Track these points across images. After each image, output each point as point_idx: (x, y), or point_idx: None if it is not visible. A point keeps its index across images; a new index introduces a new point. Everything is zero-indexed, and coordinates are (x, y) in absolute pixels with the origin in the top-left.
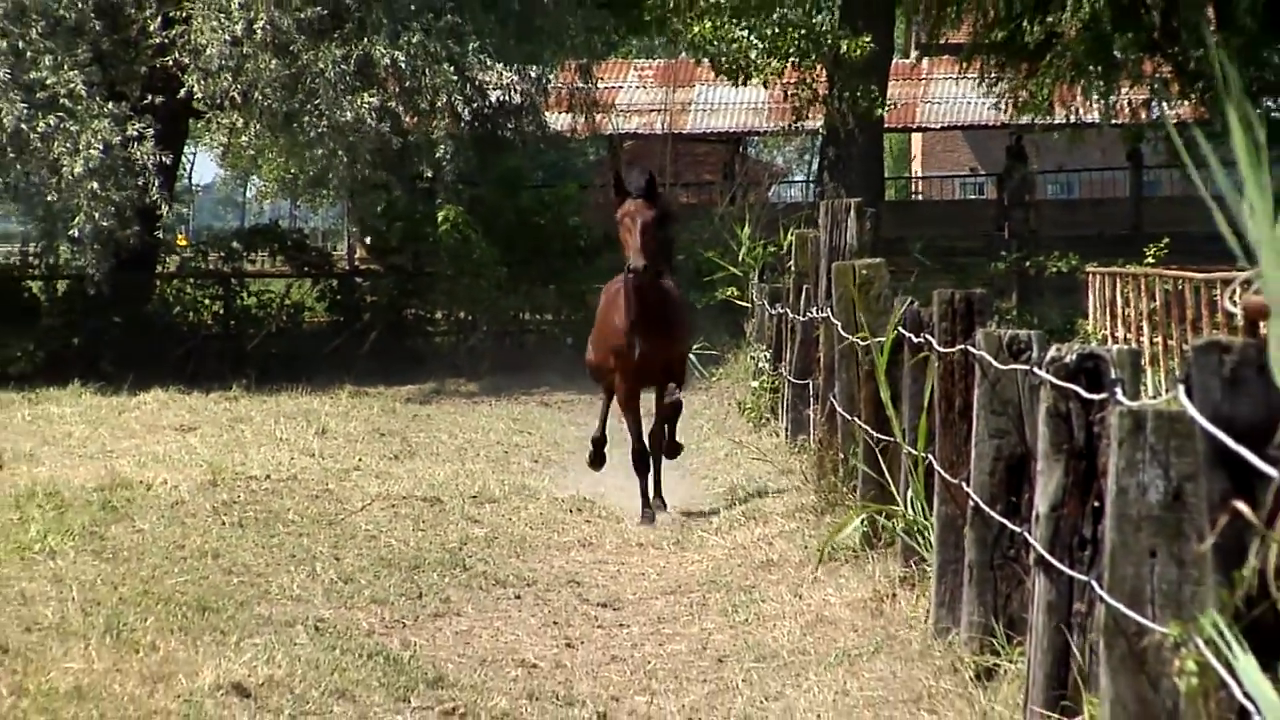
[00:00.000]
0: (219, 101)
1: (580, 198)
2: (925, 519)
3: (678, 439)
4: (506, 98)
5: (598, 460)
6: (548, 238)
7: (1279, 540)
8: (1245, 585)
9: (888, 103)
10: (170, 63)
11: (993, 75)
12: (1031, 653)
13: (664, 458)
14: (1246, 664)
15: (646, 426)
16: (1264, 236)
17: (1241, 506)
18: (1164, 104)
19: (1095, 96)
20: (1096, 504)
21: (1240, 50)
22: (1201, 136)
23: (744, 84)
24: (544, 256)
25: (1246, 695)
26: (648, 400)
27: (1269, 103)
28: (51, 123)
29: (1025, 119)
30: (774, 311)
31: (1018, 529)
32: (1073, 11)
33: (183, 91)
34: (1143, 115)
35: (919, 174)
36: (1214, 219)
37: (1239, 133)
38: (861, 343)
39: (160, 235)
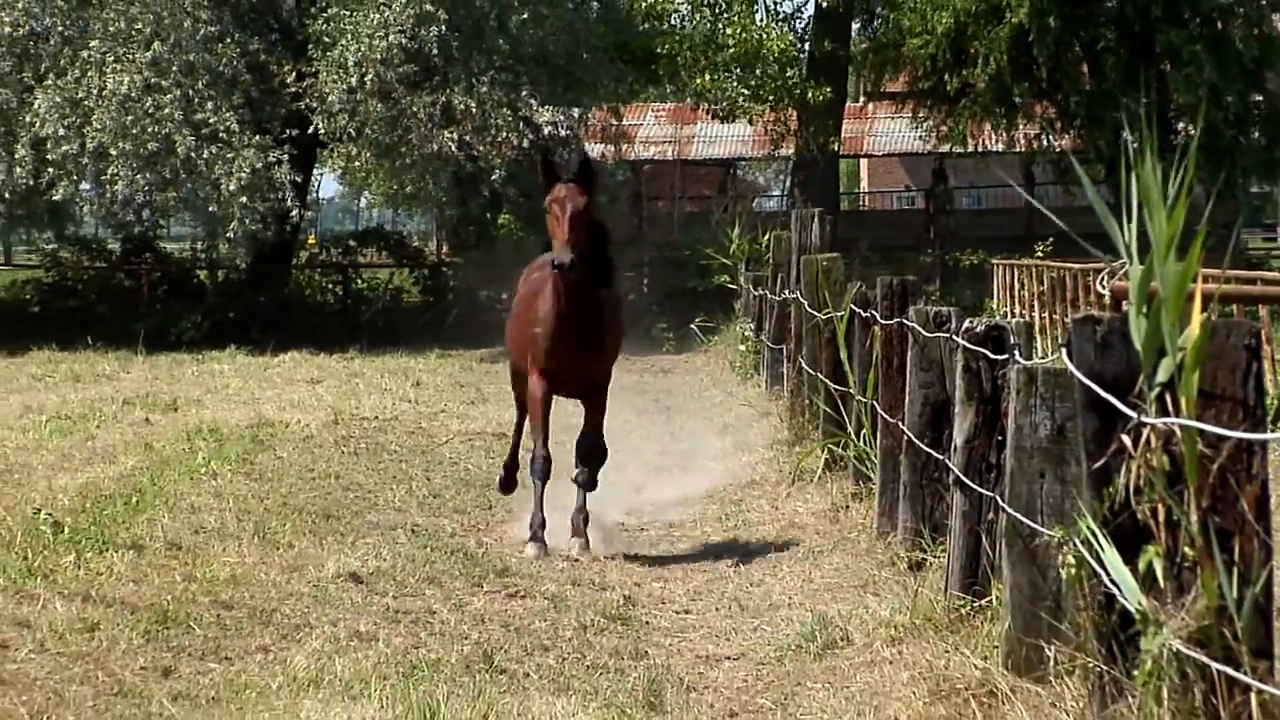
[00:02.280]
0: (338, 135)
1: (609, 208)
2: (871, 450)
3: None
4: (554, 132)
5: (509, 485)
6: None
7: (1137, 464)
8: (1111, 499)
9: (842, 136)
10: (302, 106)
11: (921, 115)
12: (951, 550)
13: (582, 483)
14: (1112, 558)
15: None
16: (1129, 235)
17: (1126, 440)
18: (1050, 137)
19: (999, 131)
20: (999, 438)
21: (1106, 95)
22: (1075, 161)
23: (734, 122)
24: None
25: (1112, 581)
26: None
27: (1127, 135)
28: (213, 151)
29: (945, 148)
30: (756, 293)
31: (940, 457)
32: (982, 67)
33: (311, 128)
34: (1034, 145)
35: (866, 190)
36: (1088, 222)
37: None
38: (823, 317)
39: (294, 235)
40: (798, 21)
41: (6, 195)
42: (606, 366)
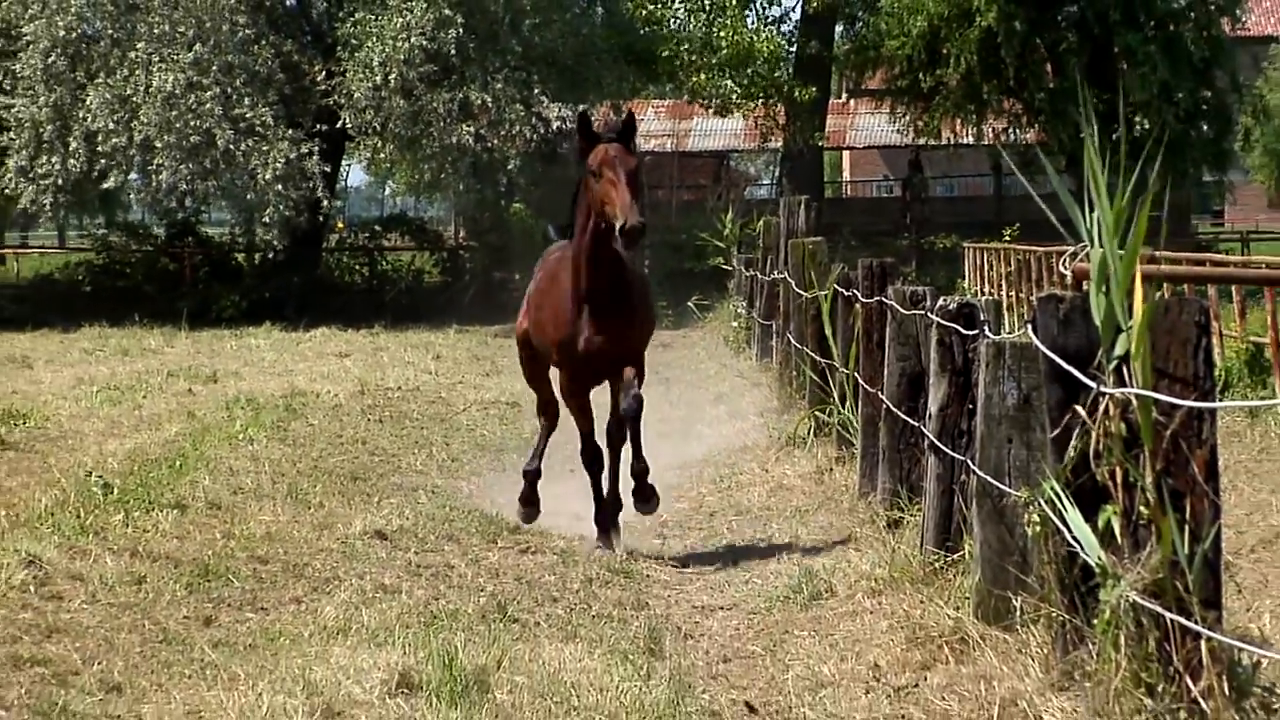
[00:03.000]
0: (365, 130)
1: None
2: (853, 417)
3: (643, 457)
4: (561, 126)
5: (530, 505)
6: None
7: (1096, 431)
8: (1073, 463)
9: (826, 130)
10: (331, 103)
11: (899, 111)
12: (926, 509)
13: (634, 494)
14: (1074, 516)
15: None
16: (1090, 222)
17: (1082, 411)
18: (1016, 131)
19: (970, 125)
20: (970, 406)
21: (1068, 92)
22: (1040, 153)
23: (728, 117)
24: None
25: (1074, 538)
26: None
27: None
28: (250, 144)
29: (921, 141)
30: (748, 274)
31: (916, 424)
32: (954, 67)
33: (340, 123)
34: (1002, 138)
35: (848, 179)
36: (1052, 209)
37: (1091, 156)
38: (809, 296)
39: (324, 221)
40: (786, 25)
41: (61, 184)
42: (642, 340)
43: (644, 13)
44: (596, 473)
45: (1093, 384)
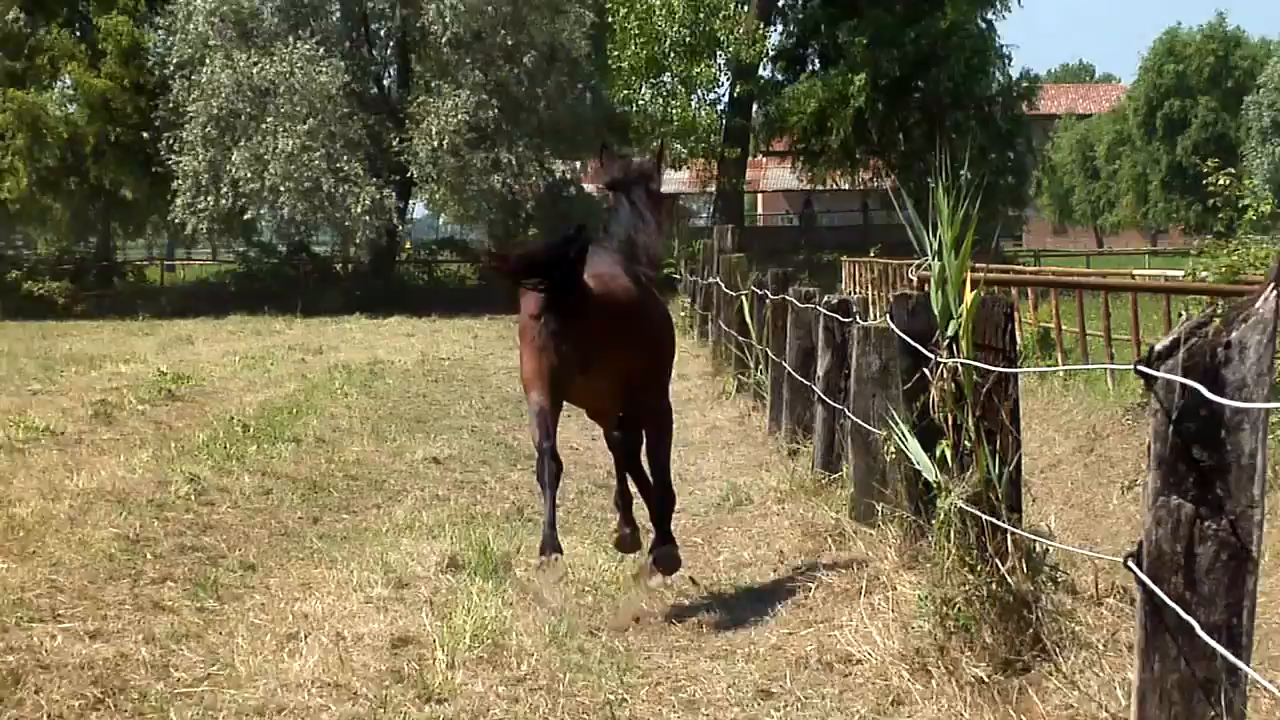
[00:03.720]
0: (425, 178)
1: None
2: (764, 379)
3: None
4: (564, 175)
5: (630, 541)
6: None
7: (934, 388)
8: (918, 410)
9: (745, 178)
10: (403, 159)
11: (797, 165)
12: (815, 443)
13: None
14: (916, 448)
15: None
16: (932, 241)
17: (927, 373)
18: (880, 178)
19: (847, 175)
20: (846, 372)
21: (916, 153)
22: (894, 196)
23: (679, 170)
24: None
25: (918, 463)
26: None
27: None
28: (345, 189)
29: (812, 186)
30: (691, 279)
31: (809, 384)
32: (835, 135)
33: (408, 173)
34: (870, 184)
35: (761, 213)
36: (906, 233)
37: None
38: (733, 295)
39: (397, 242)
40: (719, 105)
41: (214, 216)
42: (653, 358)
43: (621, 96)
44: (552, 486)
45: (932, 355)
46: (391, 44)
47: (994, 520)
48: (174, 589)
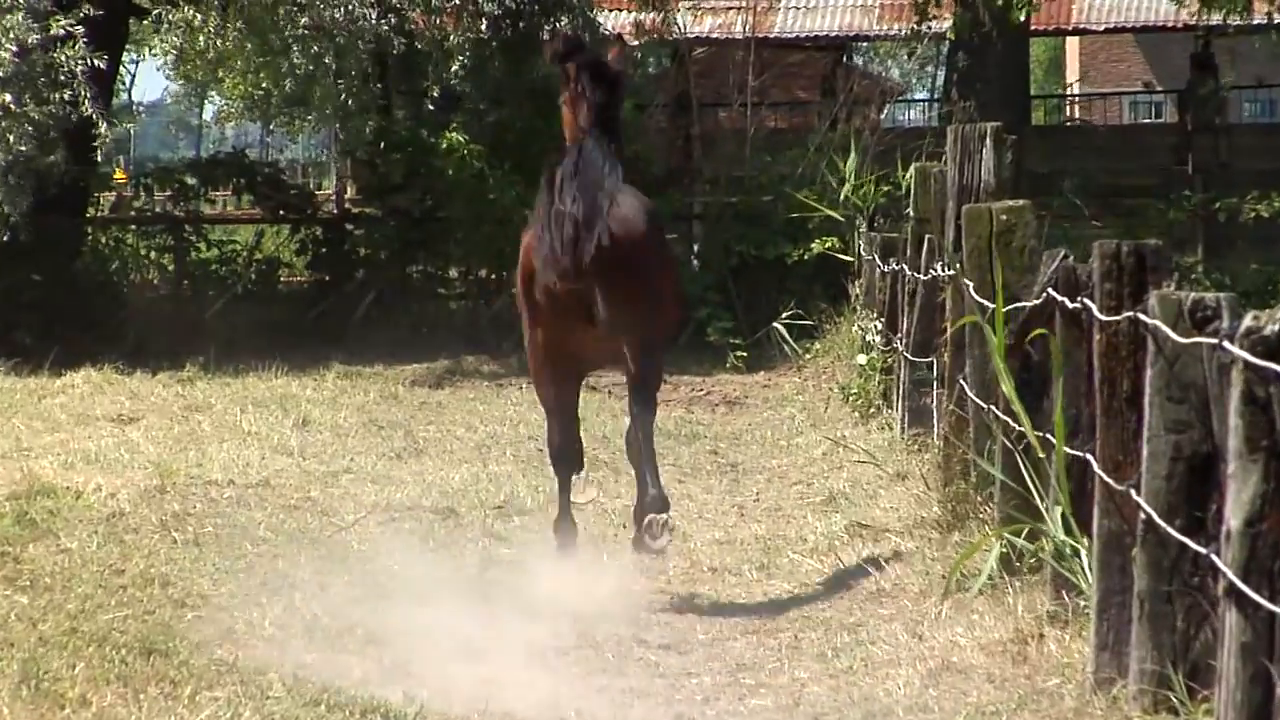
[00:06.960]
0: None
1: (638, 122)
2: (1081, 538)
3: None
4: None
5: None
6: None
7: None
8: None
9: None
10: None
11: None
12: (1222, 710)
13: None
14: None
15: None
16: None
17: None
18: None
19: None
20: None
21: None
22: None
23: None
24: None
25: None
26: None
27: None
28: None
29: (1216, 18)
30: (887, 269)
31: (1203, 550)
32: None
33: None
34: None
35: (1075, 91)
36: None
37: None
38: (1002, 310)
39: (93, 166)
40: None
41: None
42: (656, 296)
43: None
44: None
45: None
46: None
47: None
48: None
